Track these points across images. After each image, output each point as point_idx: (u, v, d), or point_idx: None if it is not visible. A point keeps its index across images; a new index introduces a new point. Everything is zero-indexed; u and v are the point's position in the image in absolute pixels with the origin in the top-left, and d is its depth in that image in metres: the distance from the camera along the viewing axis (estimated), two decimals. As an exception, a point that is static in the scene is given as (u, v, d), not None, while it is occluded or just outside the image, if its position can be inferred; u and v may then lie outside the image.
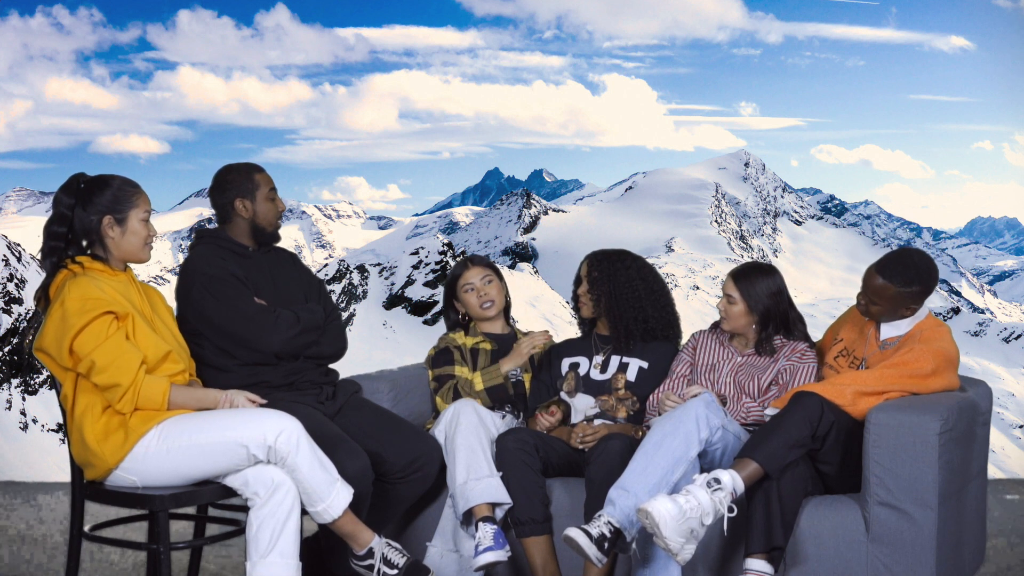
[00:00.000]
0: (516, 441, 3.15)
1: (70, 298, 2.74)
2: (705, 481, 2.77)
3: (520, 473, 3.09)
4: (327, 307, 3.33)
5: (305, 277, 3.40)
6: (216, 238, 3.26)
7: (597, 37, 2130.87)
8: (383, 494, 3.15)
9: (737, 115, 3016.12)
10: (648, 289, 3.50)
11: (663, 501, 2.70)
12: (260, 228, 3.27)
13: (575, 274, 3.63)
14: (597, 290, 3.50)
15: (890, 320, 3.13)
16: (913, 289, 3.05)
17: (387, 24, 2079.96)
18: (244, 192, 3.24)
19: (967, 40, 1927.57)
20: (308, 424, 2.91)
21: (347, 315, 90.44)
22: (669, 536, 2.67)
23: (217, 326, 3.11)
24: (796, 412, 2.87)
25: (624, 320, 3.48)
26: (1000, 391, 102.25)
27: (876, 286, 3.07)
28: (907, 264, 3.06)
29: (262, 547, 2.71)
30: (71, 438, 2.80)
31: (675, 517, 2.68)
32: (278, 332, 3.12)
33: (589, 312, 3.54)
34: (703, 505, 2.72)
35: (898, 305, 3.08)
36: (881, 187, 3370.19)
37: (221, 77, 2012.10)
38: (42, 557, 3.99)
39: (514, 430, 3.22)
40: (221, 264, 3.17)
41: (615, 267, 3.50)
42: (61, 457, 44.40)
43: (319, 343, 3.24)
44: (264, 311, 3.13)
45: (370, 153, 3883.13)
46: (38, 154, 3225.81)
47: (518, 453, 3.12)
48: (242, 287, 3.14)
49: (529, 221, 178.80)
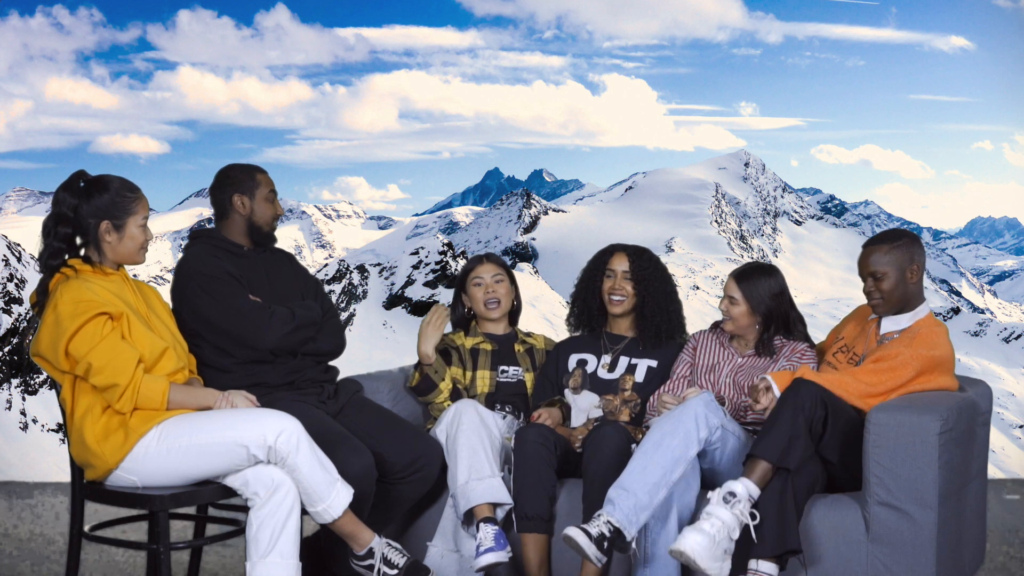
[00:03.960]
0: (538, 435, 3.12)
1: (62, 302, 2.74)
2: (721, 497, 2.78)
3: (536, 468, 3.07)
4: (324, 305, 3.33)
5: (301, 276, 3.40)
6: (211, 238, 3.27)
7: (597, 37, 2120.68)
8: (384, 494, 3.15)
9: (737, 115, 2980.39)
10: (673, 287, 3.52)
11: (692, 536, 2.72)
12: (256, 227, 3.26)
13: (596, 267, 3.55)
14: (642, 286, 3.47)
15: (902, 294, 3.12)
16: (902, 241, 3.11)
17: (387, 24, 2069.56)
18: (244, 189, 3.25)
19: (967, 40, 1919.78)
20: (310, 423, 2.91)
21: (347, 315, 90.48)
22: (707, 566, 2.71)
23: (212, 324, 3.10)
24: (788, 403, 2.88)
25: (657, 319, 3.46)
26: (1000, 391, 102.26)
27: (872, 256, 3.11)
28: (885, 231, 3.19)
29: (262, 547, 2.71)
30: (71, 438, 2.80)
31: (707, 547, 2.71)
32: (273, 328, 3.12)
33: (623, 308, 3.49)
34: (727, 523, 2.74)
35: (901, 264, 3.09)
36: (881, 187, 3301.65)
37: (221, 77, 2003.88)
38: (42, 557, 3.99)
39: (536, 425, 3.20)
40: (215, 263, 3.16)
41: (654, 263, 3.50)
42: (61, 457, 44.40)
43: (316, 339, 3.24)
44: (259, 308, 3.12)
45: (370, 153, 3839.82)
46: (38, 154, 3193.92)
47: (538, 448, 3.09)
48: (237, 284, 3.14)
49: (529, 221, 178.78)
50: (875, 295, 3.13)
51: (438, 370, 3.46)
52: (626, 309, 3.50)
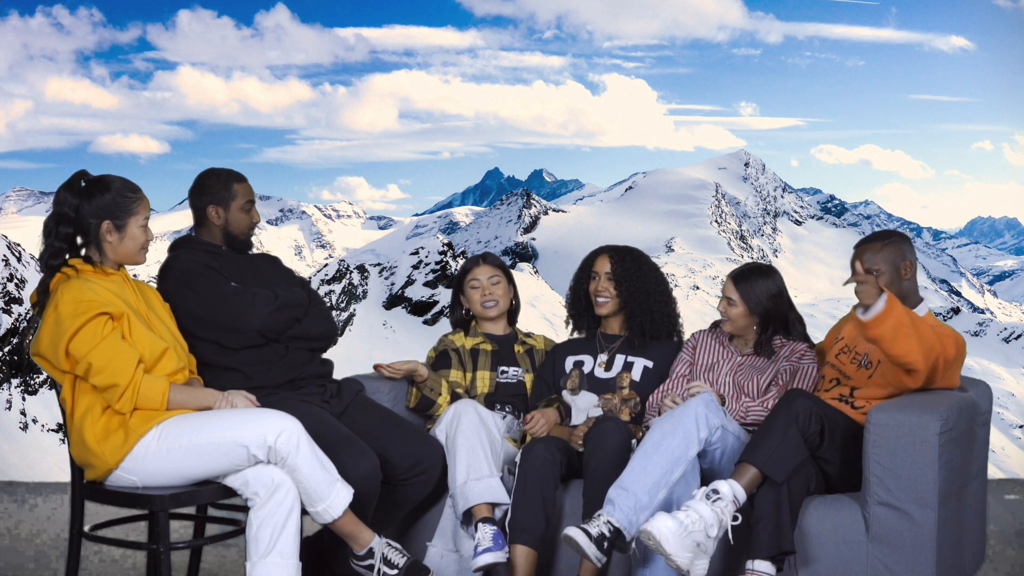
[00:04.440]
0: (545, 451, 3.08)
1: (63, 301, 2.75)
2: (704, 493, 2.78)
3: (538, 485, 3.03)
4: (310, 293, 3.34)
5: (285, 272, 3.42)
6: (191, 242, 3.28)
7: (597, 37, 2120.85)
8: (387, 495, 3.15)
9: (737, 115, 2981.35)
10: (661, 286, 3.52)
11: (662, 519, 2.71)
12: (232, 236, 3.28)
13: (582, 270, 3.59)
14: (623, 287, 3.49)
15: (897, 292, 3.10)
16: (893, 239, 3.13)
17: (387, 24, 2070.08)
18: (219, 200, 3.25)
19: (967, 40, 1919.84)
20: (314, 423, 2.91)
21: (347, 315, 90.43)
22: (674, 552, 2.68)
23: (197, 316, 3.11)
24: (781, 413, 2.88)
25: (641, 318, 3.48)
26: (1000, 391, 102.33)
27: (866, 255, 3.12)
28: (875, 232, 3.20)
29: (262, 547, 2.71)
30: (71, 438, 2.80)
31: (676, 532, 2.69)
32: (256, 308, 3.12)
33: (609, 309, 3.52)
34: (705, 517, 2.72)
35: (894, 261, 3.11)
36: (881, 187, 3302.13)
37: (221, 77, 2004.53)
38: (42, 557, 3.99)
39: (545, 440, 3.17)
40: (193, 257, 3.19)
41: (638, 263, 3.51)
42: (61, 457, 44.40)
43: (303, 322, 3.23)
44: (240, 292, 3.13)
45: (370, 153, 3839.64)
46: (38, 154, 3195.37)
47: (545, 464, 3.06)
48: (216, 274, 3.16)
49: (529, 221, 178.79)
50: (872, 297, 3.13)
51: (433, 387, 3.47)
52: (612, 310, 3.52)
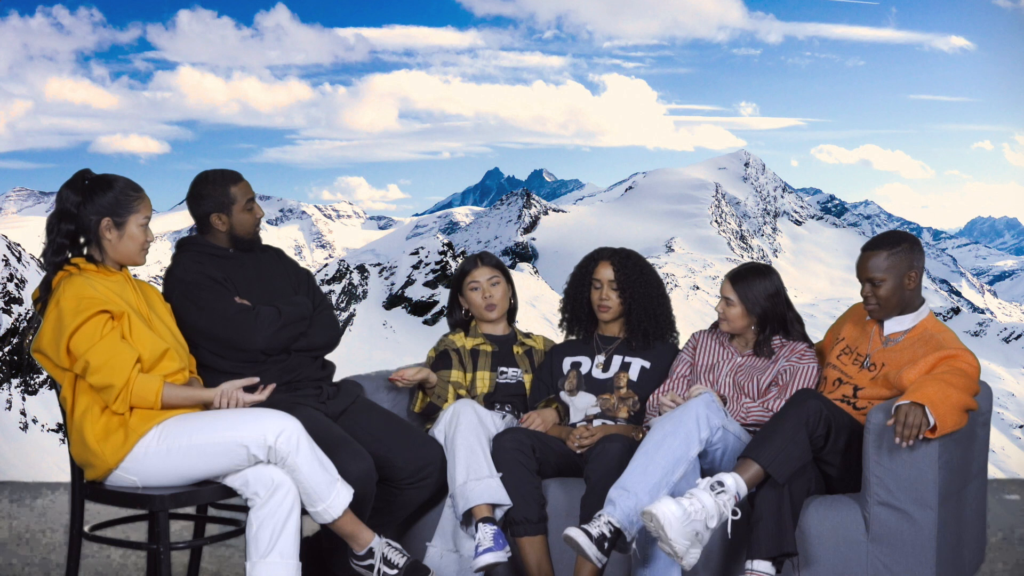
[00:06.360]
0: (512, 441, 3.15)
1: (65, 298, 2.75)
2: (708, 484, 2.78)
3: (516, 473, 3.09)
4: (316, 299, 3.32)
5: (292, 270, 3.39)
6: (197, 244, 3.26)
7: (597, 37, 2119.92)
8: (390, 498, 3.16)
9: (737, 115, 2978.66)
10: (660, 289, 3.53)
11: (667, 503, 2.70)
12: (238, 238, 3.26)
13: (581, 276, 3.57)
14: (628, 293, 3.48)
15: (898, 300, 3.11)
16: (902, 246, 3.09)
17: (387, 24, 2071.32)
18: (220, 207, 3.22)
19: (967, 40, 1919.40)
20: (309, 426, 2.90)
21: (347, 315, 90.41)
22: (674, 538, 2.68)
23: (200, 330, 3.10)
24: (792, 413, 2.87)
25: (644, 323, 3.48)
26: (1000, 391, 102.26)
27: (870, 262, 3.10)
28: (885, 233, 3.16)
29: (262, 547, 2.71)
30: (71, 438, 2.80)
31: (679, 519, 2.68)
32: (260, 330, 3.11)
33: (612, 316, 3.51)
34: (707, 508, 2.73)
35: (900, 270, 3.08)
36: (881, 187, 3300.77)
37: (221, 77, 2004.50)
38: (42, 557, 3.99)
39: (511, 430, 3.23)
40: (199, 269, 3.16)
41: (639, 268, 3.51)
42: (61, 457, 44.38)
43: (307, 335, 3.23)
44: (244, 311, 3.12)
45: (370, 153, 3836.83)
46: (38, 154, 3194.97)
47: (514, 453, 3.12)
48: (221, 289, 3.14)
49: (529, 221, 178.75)
50: (872, 300, 3.13)
51: (440, 394, 3.48)
52: (615, 316, 3.52)
